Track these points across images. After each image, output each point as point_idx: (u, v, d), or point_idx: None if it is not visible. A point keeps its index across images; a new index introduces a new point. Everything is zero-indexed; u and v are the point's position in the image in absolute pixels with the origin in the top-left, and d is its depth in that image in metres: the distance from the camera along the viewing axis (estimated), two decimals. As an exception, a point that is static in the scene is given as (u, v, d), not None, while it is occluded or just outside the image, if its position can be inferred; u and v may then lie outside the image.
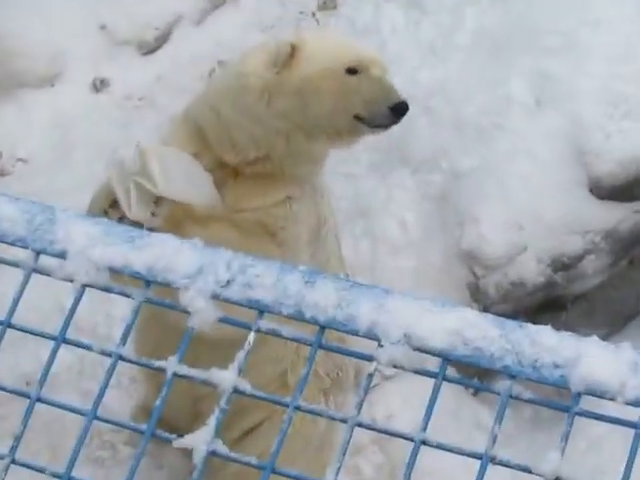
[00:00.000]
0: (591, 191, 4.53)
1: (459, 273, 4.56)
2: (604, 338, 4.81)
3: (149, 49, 5.88)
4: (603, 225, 4.52)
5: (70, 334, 1.84)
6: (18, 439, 1.79)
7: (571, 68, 4.68)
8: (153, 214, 3.21)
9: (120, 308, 4.43)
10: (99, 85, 5.68)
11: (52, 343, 1.82)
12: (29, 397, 1.83)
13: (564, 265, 4.51)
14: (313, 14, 6.03)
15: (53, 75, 5.69)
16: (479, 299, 4.54)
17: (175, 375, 1.76)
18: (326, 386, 3.85)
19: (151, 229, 3.09)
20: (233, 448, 4.06)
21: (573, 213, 4.50)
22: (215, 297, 1.74)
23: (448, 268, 4.57)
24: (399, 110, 3.45)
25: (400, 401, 4.32)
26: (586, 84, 4.63)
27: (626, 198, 4.53)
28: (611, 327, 4.70)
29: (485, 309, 4.51)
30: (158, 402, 1.79)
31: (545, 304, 4.61)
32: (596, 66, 4.66)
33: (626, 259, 4.65)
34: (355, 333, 1.66)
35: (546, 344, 1.59)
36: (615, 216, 4.53)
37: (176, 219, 3.28)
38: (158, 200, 3.24)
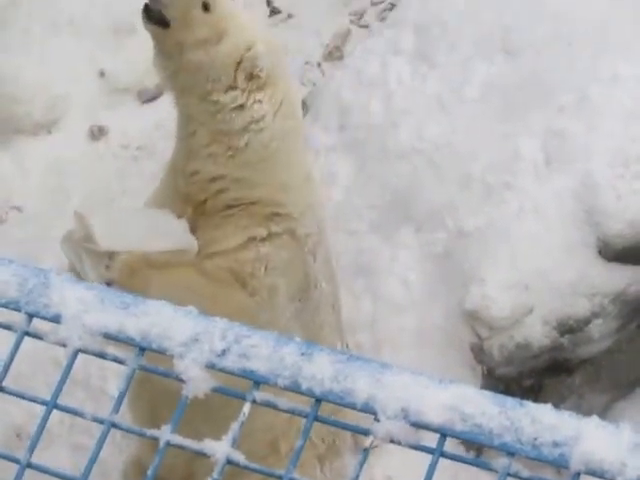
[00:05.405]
0: (600, 252, 4.43)
1: (462, 334, 4.47)
2: (609, 403, 4.68)
3: (149, 97, 5.85)
4: (611, 288, 4.41)
5: (63, 387, 1.82)
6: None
7: (582, 126, 4.58)
8: (107, 267, 3.25)
9: (113, 361, 4.38)
10: (97, 133, 5.65)
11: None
12: (19, 463, 1.80)
13: (571, 328, 4.41)
14: (319, 64, 6.00)
15: (50, 122, 5.66)
16: (483, 360, 4.45)
17: (168, 444, 1.75)
18: (321, 452, 3.79)
19: (108, 283, 3.17)
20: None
21: (581, 275, 4.40)
22: (210, 366, 1.72)
23: (451, 328, 4.48)
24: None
25: (399, 463, 4.24)
26: (598, 143, 4.53)
27: (636, 260, 4.42)
28: (616, 392, 4.59)
29: (489, 371, 4.44)
30: (150, 472, 1.76)
31: (551, 367, 4.50)
32: (608, 125, 4.56)
33: (635, 323, 4.52)
34: (352, 407, 1.65)
35: (546, 422, 1.58)
36: (624, 279, 4.42)
37: (133, 268, 3.27)
38: (111, 256, 3.29)
